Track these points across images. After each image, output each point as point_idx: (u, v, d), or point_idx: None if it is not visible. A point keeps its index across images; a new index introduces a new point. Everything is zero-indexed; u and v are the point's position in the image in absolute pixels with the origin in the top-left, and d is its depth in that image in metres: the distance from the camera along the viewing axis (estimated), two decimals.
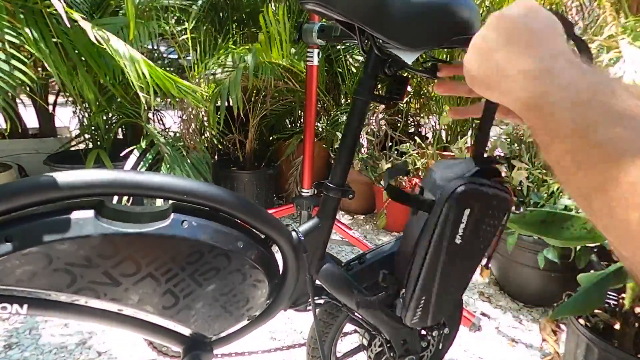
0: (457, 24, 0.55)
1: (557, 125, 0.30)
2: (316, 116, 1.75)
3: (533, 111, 0.32)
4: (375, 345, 0.89)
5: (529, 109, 0.33)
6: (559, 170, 0.30)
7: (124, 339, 1.38)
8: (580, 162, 0.28)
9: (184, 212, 0.58)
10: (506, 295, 1.75)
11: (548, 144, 0.31)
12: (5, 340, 1.35)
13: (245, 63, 1.80)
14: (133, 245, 0.55)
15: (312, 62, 1.47)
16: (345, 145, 0.70)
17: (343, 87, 2.45)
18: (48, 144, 2.42)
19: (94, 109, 1.97)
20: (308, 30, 0.96)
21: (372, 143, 2.31)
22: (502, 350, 1.42)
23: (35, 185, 0.50)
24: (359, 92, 0.66)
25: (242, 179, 2.34)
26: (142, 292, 0.58)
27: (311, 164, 1.61)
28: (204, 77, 1.84)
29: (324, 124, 2.43)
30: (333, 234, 0.72)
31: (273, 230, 0.66)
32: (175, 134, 2.13)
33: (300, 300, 0.78)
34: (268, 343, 1.39)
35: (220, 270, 0.62)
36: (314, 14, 0.72)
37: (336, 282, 0.76)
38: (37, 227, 0.50)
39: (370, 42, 0.60)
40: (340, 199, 0.72)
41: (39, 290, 0.52)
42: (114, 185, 0.54)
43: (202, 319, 0.66)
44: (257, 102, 2.22)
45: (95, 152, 1.90)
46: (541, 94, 0.32)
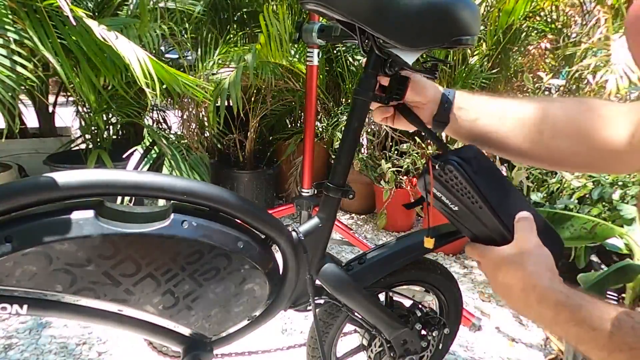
0: (457, 24, 0.55)
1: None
2: (316, 116, 1.75)
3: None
4: (375, 345, 0.89)
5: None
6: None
7: (124, 339, 1.38)
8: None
9: (184, 213, 0.58)
10: None
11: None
12: (5, 340, 1.35)
13: (245, 63, 1.80)
14: (133, 245, 0.55)
15: (312, 62, 1.47)
16: (345, 145, 0.69)
17: (343, 87, 2.45)
18: (48, 144, 2.42)
19: (95, 107, 1.97)
20: (308, 30, 0.96)
21: (372, 143, 2.31)
22: (502, 350, 1.42)
23: (35, 185, 0.50)
24: (359, 92, 0.66)
25: (242, 179, 2.34)
26: (142, 293, 0.58)
27: (311, 164, 1.61)
28: (205, 76, 1.84)
29: (324, 124, 2.43)
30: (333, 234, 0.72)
31: (273, 230, 0.66)
32: (176, 133, 2.13)
33: (300, 300, 0.78)
34: (268, 343, 1.39)
35: (220, 271, 0.62)
36: (314, 13, 0.72)
37: (336, 282, 0.76)
38: (37, 228, 0.50)
39: (371, 42, 0.60)
40: (340, 199, 0.72)
41: (39, 290, 0.52)
42: (114, 186, 0.54)
43: (202, 319, 0.66)
44: (257, 102, 2.22)
45: (96, 152, 1.89)
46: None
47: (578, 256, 1.35)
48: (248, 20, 2.41)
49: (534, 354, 1.41)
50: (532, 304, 0.51)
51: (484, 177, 0.59)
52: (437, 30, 0.55)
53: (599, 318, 0.45)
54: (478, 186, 0.58)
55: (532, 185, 1.67)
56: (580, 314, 0.46)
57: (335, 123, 2.25)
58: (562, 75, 2.25)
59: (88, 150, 2.13)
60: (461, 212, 0.61)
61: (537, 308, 0.50)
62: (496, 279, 0.56)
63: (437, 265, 0.93)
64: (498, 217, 0.58)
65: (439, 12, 0.54)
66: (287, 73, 2.09)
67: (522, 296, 0.52)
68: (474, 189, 0.58)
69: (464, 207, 0.60)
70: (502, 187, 0.60)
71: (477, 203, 0.58)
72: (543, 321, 0.51)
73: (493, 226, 0.59)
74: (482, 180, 0.58)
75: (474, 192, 0.58)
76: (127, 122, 2.25)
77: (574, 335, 0.47)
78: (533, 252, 0.54)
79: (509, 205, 0.59)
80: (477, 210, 0.59)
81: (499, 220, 0.58)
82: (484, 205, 0.58)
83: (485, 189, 0.58)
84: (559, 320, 0.48)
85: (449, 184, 0.59)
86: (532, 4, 1.89)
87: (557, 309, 0.48)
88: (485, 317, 1.59)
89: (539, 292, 0.50)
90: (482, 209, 0.58)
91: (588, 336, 0.45)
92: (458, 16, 0.54)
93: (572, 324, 0.46)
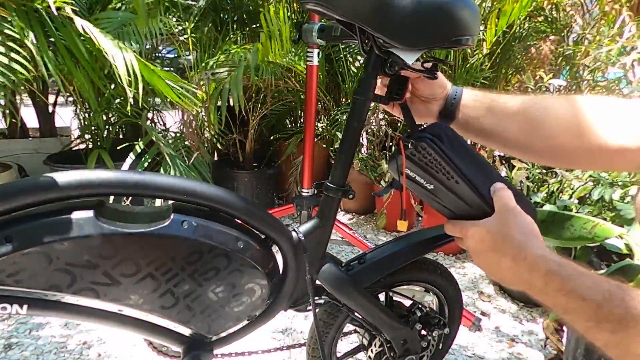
0: (457, 24, 0.55)
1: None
2: (316, 116, 1.75)
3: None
4: (375, 345, 0.89)
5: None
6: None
7: (124, 339, 1.38)
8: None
9: (184, 213, 0.58)
10: (506, 295, 1.75)
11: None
12: (5, 340, 1.35)
13: (246, 62, 1.80)
14: (133, 245, 0.55)
15: (312, 62, 1.47)
16: (345, 145, 0.69)
17: (343, 87, 2.45)
18: (48, 144, 2.42)
19: (94, 107, 1.96)
20: (308, 30, 0.96)
21: (372, 143, 2.31)
22: (502, 350, 1.42)
23: (35, 185, 0.50)
24: (359, 92, 0.66)
25: (242, 179, 2.34)
26: (142, 292, 0.58)
27: (311, 164, 1.61)
28: (204, 76, 1.84)
29: (324, 124, 2.43)
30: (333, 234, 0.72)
31: (273, 230, 0.66)
32: (175, 134, 2.12)
33: (301, 300, 0.78)
34: (268, 343, 1.39)
35: (220, 271, 0.62)
36: (314, 13, 0.72)
37: (336, 282, 0.76)
38: (37, 228, 0.50)
39: (371, 42, 0.60)
40: (340, 199, 0.72)
41: (39, 290, 0.52)
42: (114, 186, 0.54)
43: (202, 319, 0.66)
44: (257, 102, 2.22)
45: (96, 152, 1.89)
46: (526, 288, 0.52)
47: (578, 256, 1.34)
48: (248, 20, 2.41)
49: (534, 354, 1.41)
50: (523, 274, 0.50)
51: (457, 152, 0.58)
52: (437, 30, 0.55)
53: (589, 289, 0.44)
54: (453, 161, 0.57)
55: (532, 185, 1.67)
56: (570, 284, 0.46)
57: (335, 123, 2.25)
58: (563, 75, 2.25)
59: (88, 150, 2.13)
60: (437, 190, 0.60)
61: (527, 277, 0.50)
62: (482, 253, 0.56)
63: (437, 265, 0.93)
64: (476, 190, 0.58)
65: (439, 12, 0.54)
66: (287, 73, 2.09)
67: (512, 266, 0.51)
68: (449, 164, 0.57)
69: (439, 185, 0.59)
70: (475, 161, 0.60)
71: (453, 179, 0.58)
72: (532, 290, 0.50)
73: (472, 200, 0.58)
74: (456, 155, 0.58)
75: (450, 168, 0.57)
76: (127, 122, 2.25)
77: (562, 305, 0.46)
78: (518, 222, 0.53)
79: (484, 178, 0.59)
80: (453, 186, 0.58)
81: (477, 194, 0.58)
82: (461, 180, 0.58)
83: (460, 164, 0.57)
84: (548, 289, 0.47)
85: (423, 162, 0.58)
86: (532, 4, 1.89)
87: (547, 278, 0.47)
88: (485, 317, 1.59)
89: (530, 261, 0.50)
90: (459, 184, 0.58)
91: (576, 306, 0.45)
92: (458, 16, 0.54)
93: (561, 293, 0.46)
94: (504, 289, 1.77)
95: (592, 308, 0.43)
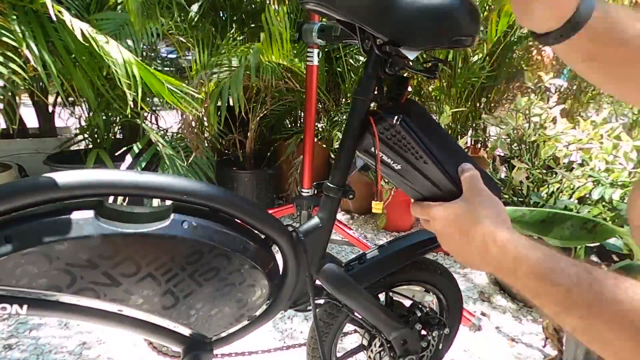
0: (457, 24, 0.55)
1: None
2: (316, 116, 1.75)
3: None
4: (375, 345, 0.89)
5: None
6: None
7: (124, 339, 1.37)
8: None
9: (184, 213, 0.58)
10: (506, 295, 1.75)
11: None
12: (5, 340, 1.35)
13: (247, 62, 1.80)
14: (133, 245, 0.55)
15: (312, 62, 1.47)
16: (345, 145, 0.69)
17: (343, 87, 2.45)
18: (48, 144, 2.42)
19: (94, 107, 1.96)
20: (308, 30, 0.96)
21: None
22: (502, 350, 1.42)
23: (35, 185, 0.50)
24: (359, 92, 0.66)
25: (242, 179, 2.34)
26: (142, 293, 0.58)
27: (311, 164, 1.61)
28: (204, 76, 1.84)
29: (324, 124, 2.43)
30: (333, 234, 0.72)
31: (273, 230, 0.66)
32: (174, 134, 2.12)
33: (301, 300, 0.78)
34: (268, 343, 1.39)
35: (220, 271, 0.62)
36: (315, 13, 0.72)
37: (336, 282, 0.76)
38: (37, 228, 0.50)
39: (371, 42, 0.60)
40: (340, 199, 0.72)
41: (39, 290, 0.52)
42: (114, 186, 0.54)
43: (202, 319, 0.66)
44: (257, 102, 2.22)
45: (96, 152, 1.89)
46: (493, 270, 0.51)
47: (578, 256, 1.34)
48: (247, 20, 2.41)
49: (534, 354, 1.41)
50: (492, 257, 0.49)
51: (426, 131, 0.57)
52: (437, 30, 0.55)
53: (558, 273, 0.43)
54: (422, 140, 0.56)
55: (532, 185, 1.67)
56: (539, 267, 0.44)
57: (335, 123, 2.25)
58: (564, 75, 2.25)
59: (88, 150, 2.13)
60: (405, 170, 0.59)
61: (496, 261, 0.49)
62: (449, 236, 0.55)
63: (437, 265, 0.93)
64: (444, 171, 0.57)
65: (439, 12, 0.54)
66: (287, 73, 2.09)
67: (482, 249, 0.50)
68: (418, 143, 0.56)
69: (407, 165, 0.58)
70: (444, 140, 0.59)
71: (422, 159, 0.57)
72: (501, 273, 0.49)
73: (440, 181, 0.57)
74: (425, 134, 0.56)
75: (419, 147, 0.56)
76: (126, 122, 2.24)
77: (531, 288, 0.45)
78: (487, 203, 0.52)
79: (452, 159, 0.57)
80: (422, 166, 0.57)
81: (445, 175, 0.57)
82: (429, 160, 0.56)
83: (429, 143, 0.56)
84: (518, 273, 0.46)
85: (391, 140, 0.57)
86: None
87: (517, 262, 0.46)
88: (485, 317, 1.59)
89: (500, 245, 0.48)
90: (428, 164, 0.57)
91: (546, 291, 0.43)
92: (458, 16, 0.54)
93: (531, 277, 0.45)
94: (504, 289, 1.77)
95: (561, 293, 0.42)
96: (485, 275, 1.90)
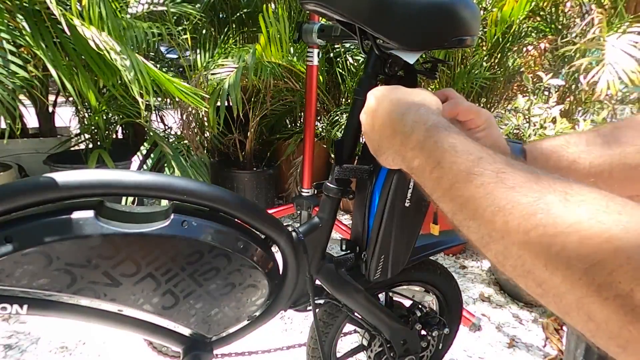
0: (458, 24, 0.55)
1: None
2: (316, 116, 1.75)
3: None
4: (375, 345, 0.89)
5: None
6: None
7: (124, 339, 1.37)
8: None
9: (184, 213, 0.58)
10: (506, 295, 1.75)
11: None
12: (5, 340, 1.35)
13: (244, 63, 1.80)
14: (133, 245, 0.55)
15: (312, 62, 1.47)
16: (346, 146, 0.70)
17: (343, 87, 2.45)
18: (48, 144, 2.42)
19: (94, 106, 1.96)
20: (308, 30, 0.96)
21: None
22: (502, 350, 1.42)
23: (36, 186, 0.50)
24: (359, 92, 0.66)
25: (242, 179, 2.34)
26: (142, 293, 0.58)
27: (311, 164, 1.61)
28: (204, 77, 1.84)
29: (324, 123, 2.43)
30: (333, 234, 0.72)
31: (273, 230, 0.66)
32: (176, 134, 2.13)
33: (301, 300, 0.78)
34: (268, 343, 1.39)
35: (220, 271, 0.62)
36: (315, 14, 0.72)
37: (336, 282, 0.76)
38: (37, 228, 0.50)
39: (371, 42, 0.60)
40: (340, 199, 0.72)
41: (39, 290, 0.52)
42: (114, 186, 0.54)
43: (202, 319, 0.66)
44: (257, 102, 2.22)
45: (97, 152, 1.89)
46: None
47: None
48: (247, 21, 2.41)
49: (533, 354, 1.41)
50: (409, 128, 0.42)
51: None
52: (438, 30, 0.55)
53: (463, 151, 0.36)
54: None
55: None
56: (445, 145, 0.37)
57: (335, 123, 2.25)
58: (562, 75, 2.24)
59: (88, 150, 2.13)
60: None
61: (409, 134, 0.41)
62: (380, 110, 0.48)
63: (437, 265, 0.93)
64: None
65: (439, 12, 0.54)
66: (287, 73, 2.09)
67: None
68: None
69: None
70: None
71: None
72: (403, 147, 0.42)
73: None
74: None
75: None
76: (127, 122, 2.25)
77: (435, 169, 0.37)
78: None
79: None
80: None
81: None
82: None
83: None
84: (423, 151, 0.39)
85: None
86: (532, 4, 1.89)
87: (427, 134, 0.39)
88: (485, 317, 1.59)
89: (430, 128, 0.40)
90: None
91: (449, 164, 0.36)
92: (459, 16, 0.54)
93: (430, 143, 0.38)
94: (504, 289, 1.77)
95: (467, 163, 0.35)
96: (486, 275, 1.90)
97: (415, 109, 0.44)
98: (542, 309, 1.66)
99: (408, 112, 0.43)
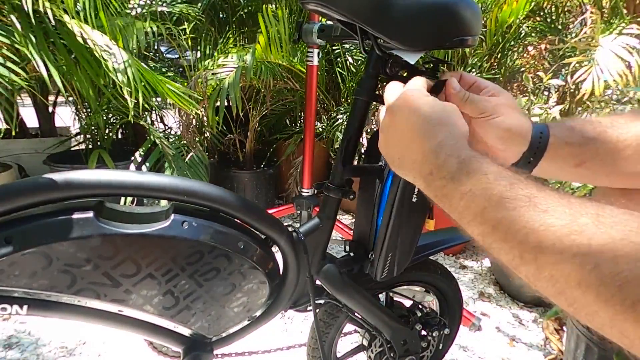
0: (459, 24, 0.55)
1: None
2: (316, 116, 1.75)
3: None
4: (376, 345, 0.89)
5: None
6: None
7: (124, 339, 1.37)
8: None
9: (185, 213, 0.58)
10: (506, 295, 1.75)
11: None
12: (5, 340, 1.35)
13: (244, 63, 1.80)
14: (133, 246, 0.55)
15: (312, 62, 1.47)
16: (349, 146, 0.69)
17: (343, 87, 2.45)
18: (48, 144, 2.42)
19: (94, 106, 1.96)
20: (308, 30, 0.96)
21: None
22: (502, 350, 1.42)
23: (35, 186, 0.50)
24: (360, 92, 0.66)
25: (242, 179, 2.34)
26: (142, 293, 0.58)
27: (311, 164, 1.61)
28: (203, 77, 1.84)
29: (324, 124, 2.43)
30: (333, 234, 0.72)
31: (273, 230, 0.66)
32: (176, 134, 2.12)
33: (301, 300, 0.78)
34: (268, 343, 1.39)
35: (221, 271, 0.62)
36: (315, 14, 0.72)
37: (337, 283, 0.76)
38: (37, 228, 0.50)
39: (372, 42, 0.60)
40: (340, 199, 0.72)
41: (39, 291, 0.52)
42: (114, 186, 0.54)
43: (202, 319, 0.65)
44: (257, 102, 2.22)
45: (97, 152, 1.89)
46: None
47: None
48: (247, 21, 2.41)
49: (533, 354, 1.41)
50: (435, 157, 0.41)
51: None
52: (439, 30, 0.55)
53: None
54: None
55: None
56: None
57: (335, 123, 2.25)
58: (562, 75, 2.24)
59: (88, 150, 2.13)
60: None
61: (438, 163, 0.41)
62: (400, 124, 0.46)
63: (437, 265, 0.93)
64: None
65: (440, 12, 0.54)
66: (287, 73, 2.09)
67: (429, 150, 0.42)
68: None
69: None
70: None
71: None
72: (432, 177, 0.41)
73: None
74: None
75: None
76: (127, 122, 2.24)
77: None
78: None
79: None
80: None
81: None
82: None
83: None
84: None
85: None
86: (532, 4, 1.89)
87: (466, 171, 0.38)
88: (485, 317, 1.59)
89: (464, 156, 0.40)
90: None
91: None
92: (460, 16, 0.54)
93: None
94: (504, 289, 1.77)
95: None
96: (486, 275, 1.90)
97: (450, 143, 0.42)
98: (542, 308, 1.66)
99: (442, 146, 0.41)
